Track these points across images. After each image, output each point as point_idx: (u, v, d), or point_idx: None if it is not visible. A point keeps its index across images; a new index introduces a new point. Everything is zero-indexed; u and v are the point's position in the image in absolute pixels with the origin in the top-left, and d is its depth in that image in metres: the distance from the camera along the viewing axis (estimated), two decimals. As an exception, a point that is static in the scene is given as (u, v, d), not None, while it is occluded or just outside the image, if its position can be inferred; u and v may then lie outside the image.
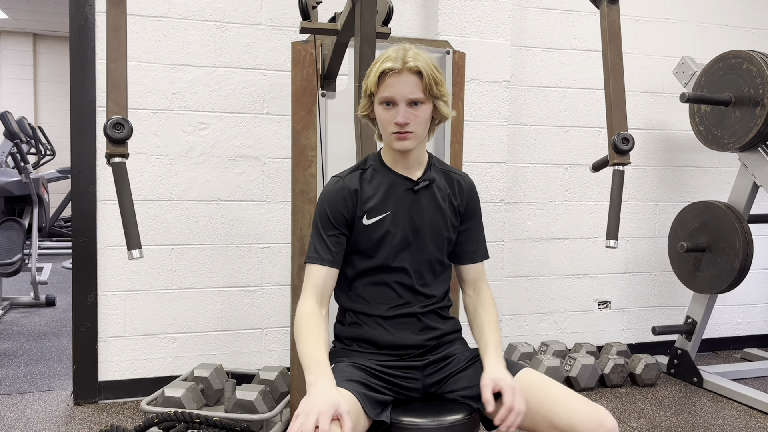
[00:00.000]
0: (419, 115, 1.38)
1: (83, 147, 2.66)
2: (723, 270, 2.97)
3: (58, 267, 6.00)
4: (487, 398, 1.32)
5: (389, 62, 1.36)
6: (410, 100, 1.37)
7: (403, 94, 1.36)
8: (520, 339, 3.31)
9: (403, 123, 1.37)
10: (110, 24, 1.46)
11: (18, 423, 2.49)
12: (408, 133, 1.39)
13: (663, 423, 2.65)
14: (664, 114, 3.50)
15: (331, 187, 1.46)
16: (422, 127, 1.41)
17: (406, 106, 1.37)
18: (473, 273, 1.57)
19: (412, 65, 1.35)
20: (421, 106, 1.38)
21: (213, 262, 2.83)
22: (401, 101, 1.37)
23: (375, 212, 1.44)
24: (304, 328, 1.37)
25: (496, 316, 1.52)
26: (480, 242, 1.57)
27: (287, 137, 2.85)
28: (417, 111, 1.38)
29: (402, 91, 1.36)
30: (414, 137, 1.40)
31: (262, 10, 2.82)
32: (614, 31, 1.77)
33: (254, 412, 2.30)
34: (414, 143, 1.41)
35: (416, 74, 1.36)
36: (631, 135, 1.70)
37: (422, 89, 1.36)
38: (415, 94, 1.36)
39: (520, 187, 3.26)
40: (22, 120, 5.83)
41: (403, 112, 1.37)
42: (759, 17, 3.62)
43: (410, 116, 1.37)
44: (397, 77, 1.35)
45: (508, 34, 2.94)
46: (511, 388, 1.32)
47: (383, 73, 1.36)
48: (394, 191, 1.46)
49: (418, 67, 1.35)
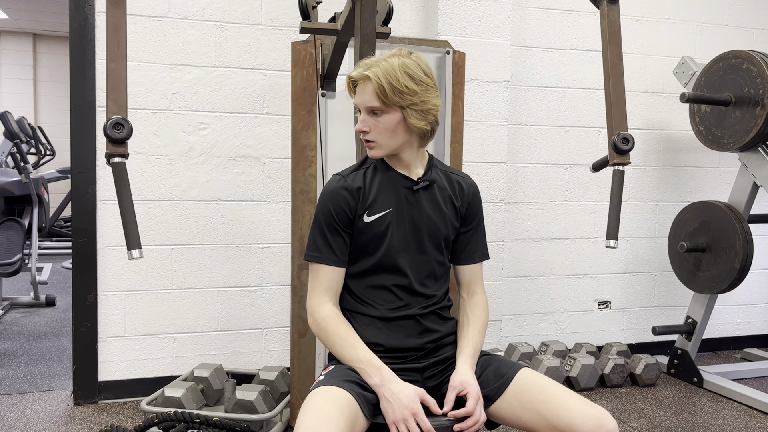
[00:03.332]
0: (379, 123, 1.38)
1: (83, 147, 2.66)
2: (723, 270, 2.97)
3: (58, 267, 6.01)
4: (449, 399, 1.34)
5: (355, 70, 1.39)
6: (369, 108, 1.38)
7: (362, 102, 1.38)
8: (520, 339, 3.31)
9: (360, 130, 1.40)
10: (110, 24, 1.46)
11: (18, 423, 2.49)
12: (370, 141, 1.40)
13: (663, 423, 2.65)
14: (664, 114, 3.50)
15: (333, 185, 1.45)
16: (386, 136, 1.39)
17: (366, 114, 1.39)
18: (468, 274, 1.55)
19: (366, 73, 1.35)
20: (383, 115, 1.37)
21: (213, 262, 2.83)
22: (362, 109, 1.39)
23: (376, 209, 1.44)
24: (336, 333, 1.39)
25: (482, 319, 1.50)
26: (480, 244, 1.56)
27: (287, 137, 2.85)
28: (378, 119, 1.38)
29: (362, 99, 1.38)
30: (377, 146, 1.40)
31: (262, 10, 2.82)
32: (614, 31, 1.77)
33: (254, 412, 2.30)
34: (381, 152, 1.41)
35: (373, 82, 1.35)
36: (631, 135, 1.70)
37: (378, 98, 1.35)
38: (371, 102, 1.36)
39: (520, 187, 3.26)
40: (22, 120, 5.83)
41: (361, 120, 1.39)
42: (759, 17, 3.62)
43: (371, 124, 1.39)
44: (361, 86, 1.38)
45: (508, 34, 2.94)
46: (477, 395, 1.35)
47: (350, 84, 1.41)
48: (395, 189, 1.46)
49: (368, 74, 1.35)
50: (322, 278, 1.43)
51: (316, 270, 1.44)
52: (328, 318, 1.40)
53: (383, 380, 1.31)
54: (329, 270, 1.43)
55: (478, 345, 1.45)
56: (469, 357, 1.41)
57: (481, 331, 1.48)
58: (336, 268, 1.43)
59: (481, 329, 1.48)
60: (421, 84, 1.36)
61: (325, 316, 1.40)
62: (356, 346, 1.37)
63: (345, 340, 1.38)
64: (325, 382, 1.33)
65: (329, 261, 1.42)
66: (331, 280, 1.43)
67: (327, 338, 1.40)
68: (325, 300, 1.42)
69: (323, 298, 1.42)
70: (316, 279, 1.43)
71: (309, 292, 1.45)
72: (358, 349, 1.36)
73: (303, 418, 1.21)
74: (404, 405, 1.27)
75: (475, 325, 1.48)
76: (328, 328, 1.40)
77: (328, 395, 1.26)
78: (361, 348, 1.37)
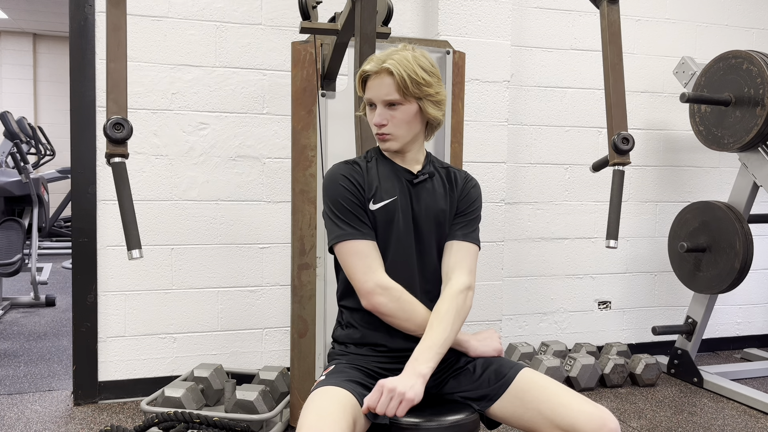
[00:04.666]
0: (397, 116, 1.39)
1: (83, 147, 2.66)
2: (723, 270, 2.97)
3: (58, 267, 6.01)
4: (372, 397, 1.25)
5: (368, 65, 1.39)
6: (386, 101, 1.38)
7: (379, 95, 1.38)
8: (520, 339, 3.31)
9: (378, 124, 1.39)
10: (110, 24, 1.46)
11: (18, 423, 2.48)
12: (386, 134, 1.40)
13: (663, 423, 2.65)
14: (664, 114, 3.50)
15: (337, 167, 1.44)
16: (403, 128, 1.40)
17: (383, 107, 1.39)
18: (453, 257, 1.44)
19: (386, 66, 1.36)
20: (399, 107, 1.39)
21: (213, 262, 2.83)
22: (378, 103, 1.39)
23: (381, 197, 1.42)
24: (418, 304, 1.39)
25: (448, 310, 1.36)
26: (470, 228, 1.48)
27: (287, 137, 2.85)
28: (395, 112, 1.39)
29: (378, 92, 1.38)
30: (394, 138, 1.41)
31: (262, 10, 2.82)
32: (614, 31, 1.77)
33: (254, 412, 2.30)
34: (396, 144, 1.42)
35: (390, 75, 1.36)
36: (631, 135, 1.70)
37: (398, 90, 1.36)
38: (390, 95, 1.37)
39: (520, 187, 3.26)
40: (22, 120, 5.82)
41: (379, 113, 1.39)
42: (759, 17, 3.62)
43: (388, 117, 1.39)
44: (374, 79, 1.38)
45: (508, 34, 2.94)
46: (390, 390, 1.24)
47: (363, 77, 1.40)
48: (398, 179, 1.46)
49: (390, 68, 1.35)
50: (362, 252, 1.36)
51: (349, 249, 1.36)
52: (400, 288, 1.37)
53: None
54: (364, 244, 1.37)
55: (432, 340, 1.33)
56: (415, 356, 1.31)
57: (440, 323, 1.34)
58: (370, 241, 1.38)
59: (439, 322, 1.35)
60: (433, 75, 1.40)
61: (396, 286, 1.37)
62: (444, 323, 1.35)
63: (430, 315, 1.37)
64: (326, 382, 1.33)
65: (359, 235, 1.37)
66: (372, 251, 1.37)
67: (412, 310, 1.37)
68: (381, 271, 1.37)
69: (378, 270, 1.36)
70: (365, 256, 1.35)
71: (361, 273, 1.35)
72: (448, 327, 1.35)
73: (305, 418, 1.21)
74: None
75: (433, 319, 1.36)
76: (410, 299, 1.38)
77: (330, 395, 1.26)
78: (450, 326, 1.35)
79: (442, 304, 1.38)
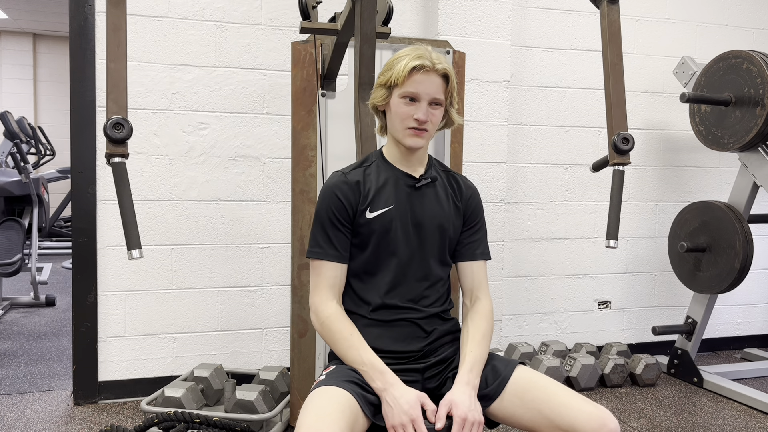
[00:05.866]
0: (436, 115, 1.44)
1: (83, 147, 2.66)
2: (723, 270, 2.97)
3: (58, 267, 6.01)
4: (440, 415, 1.30)
5: (420, 60, 1.40)
6: (433, 100, 1.42)
7: (428, 92, 1.41)
8: (520, 339, 3.31)
9: (423, 120, 1.41)
10: (110, 24, 1.46)
11: (18, 423, 2.48)
12: (424, 131, 1.43)
13: (663, 423, 2.65)
14: (664, 114, 3.50)
15: (333, 180, 1.46)
16: (435, 128, 1.46)
17: (428, 104, 1.41)
18: (470, 277, 1.53)
19: (441, 68, 1.41)
20: (439, 108, 1.44)
21: (213, 262, 2.83)
22: (425, 99, 1.41)
23: (378, 205, 1.44)
24: (340, 332, 1.39)
25: (482, 329, 1.46)
26: (482, 243, 1.55)
27: (287, 137, 2.85)
28: (435, 111, 1.43)
29: (428, 89, 1.40)
30: (427, 136, 1.45)
31: (262, 10, 2.82)
32: (614, 31, 1.77)
33: (254, 412, 2.30)
34: (425, 142, 1.46)
35: (443, 77, 1.42)
36: (631, 135, 1.70)
37: (444, 92, 1.42)
38: (438, 95, 1.42)
39: (520, 187, 3.26)
40: (22, 120, 5.83)
41: (425, 110, 1.41)
42: (759, 17, 3.62)
43: (429, 115, 1.42)
44: (426, 75, 1.40)
45: (508, 34, 2.94)
46: (462, 418, 1.29)
47: (414, 68, 1.40)
48: (397, 186, 1.47)
49: (446, 70, 1.41)
50: (324, 275, 1.43)
51: (318, 267, 1.43)
52: (332, 317, 1.40)
53: (386, 384, 1.31)
54: (332, 266, 1.43)
55: (477, 358, 1.40)
56: (465, 373, 1.37)
57: (481, 341, 1.44)
58: (338, 264, 1.43)
59: (481, 340, 1.44)
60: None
61: (329, 315, 1.40)
62: (360, 348, 1.37)
63: (349, 340, 1.38)
64: (326, 382, 1.33)
65: (331, 257, 1.42)
66: (334, 276, 1.43)
67: (331, 337, 1.40)
68: (328, 297, 1.42)
69: (327, 295, 1.42)
70: (319, 276, 1.43)
71: (312, 289, 1.45)
72: (362, 351, 1.36)
73: (304, 418, 1.21)
74: (404, 410, 1.27)
75: (473, 338, 1.44)
76: (332, 327, 1.39)
77: (329, 395, 1.26)
78: (365, 350, 1.36)
79: (483, 323, 1.48)
